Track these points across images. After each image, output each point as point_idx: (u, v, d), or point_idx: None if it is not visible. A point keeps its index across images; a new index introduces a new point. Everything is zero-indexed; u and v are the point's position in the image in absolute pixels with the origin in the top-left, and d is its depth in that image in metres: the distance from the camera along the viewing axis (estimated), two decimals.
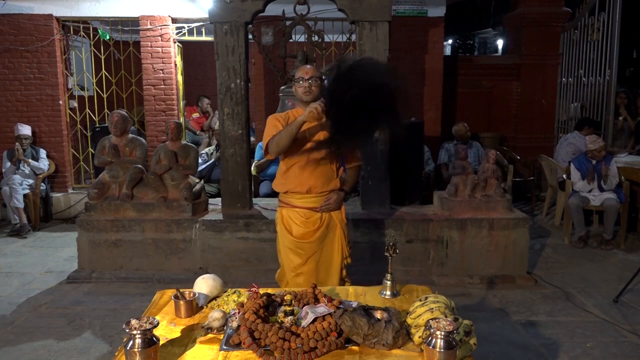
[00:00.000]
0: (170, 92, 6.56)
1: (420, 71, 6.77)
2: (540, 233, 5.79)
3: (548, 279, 4.42)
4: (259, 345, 1.75)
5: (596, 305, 3.89)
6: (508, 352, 3.21)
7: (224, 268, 4.30)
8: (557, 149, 6.57)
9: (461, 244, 4.35)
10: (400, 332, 1.81)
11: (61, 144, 6.58)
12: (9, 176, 5.94)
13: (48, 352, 3.20)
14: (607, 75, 6.61)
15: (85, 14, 6.35)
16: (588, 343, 3.30)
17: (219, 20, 4.38)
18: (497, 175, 4.51)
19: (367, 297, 2.29)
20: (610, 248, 5.21)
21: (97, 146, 4.75)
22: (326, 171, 2.86)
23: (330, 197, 2.87)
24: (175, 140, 4.59)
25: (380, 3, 4.31)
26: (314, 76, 2.78)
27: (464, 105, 7.50)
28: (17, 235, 5.77)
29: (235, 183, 4.57)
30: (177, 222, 4.39)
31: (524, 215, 4.47)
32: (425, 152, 5.94)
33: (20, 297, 4.07)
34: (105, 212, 4.50)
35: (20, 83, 6.43)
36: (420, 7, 6.62)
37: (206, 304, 2.18)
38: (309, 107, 2.56)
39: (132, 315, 1.89)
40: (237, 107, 4.48)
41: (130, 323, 1.70)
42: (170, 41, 6.44)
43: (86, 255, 4.47)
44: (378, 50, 4.38)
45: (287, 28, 4.51)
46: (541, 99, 7.45)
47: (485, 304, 3.97)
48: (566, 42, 7.48)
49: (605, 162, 5.26)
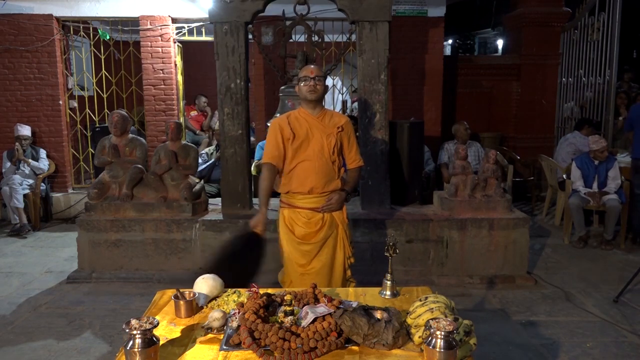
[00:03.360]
0: (170, 92, 6.56)
1: (420, 71, 6.77)
2: (540, 233, 5.79)
3: (548, 279, 4.42)
4: (259, 345, 1.75)
5: (596, 305, 3.89)
6: (508, 352, 3.21)
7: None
8: (557, 149, 6.57)
9: (461, 244, 4.35)
10: (400, 332, 1.81)
11: (61, 144, 6.58)
12: (9, 176, 5.94)
13: (48, 352, 3.20)
14: (607, 75, 6.61)
15: (85, 14, 6.35)
16: (588, 343, 3.30)
17: (219, 20, 4.38)
18: (497, 175, 4.50)
19: (367, 297, 2.29)
20: (610, 248, 5.21)
21: (97, 146, 4.75)
22: (328, 172, 2.86)
23: (331, 198, 2.88)
24: (175, 140, 4.59)
25: (380, 3, 4.31)
26: (319, 75, 2.80)
27: (464, 105, 7.49)
28: (17, 235, 5.78)
29: (235, 183, 4.57)
30: (177, 222, 4.39)
31: (524, 215, 4.47)
32: (425, 152, 5.94)
33: (20, 297, 4.07)
34: (105, 212, 4.50)
35: (20, 83, 6.43)
36: (420, 7, 6.62)
37: (206, 304, 2.18)
38: (258, 223, 2.89)
39: (132, 315, 1.89)
40: (237, 107, 4.48)
41: (130, 323, 1.70)
42: (170, 41, 6.44)
43: (86, 255, 4.47)
44: (378, 50, 4.38)
45: (287, 28, 4.51)
46: (541, 99, 7.45)
47: (485, 304, 3.97)
48: (566, 42, 7.48)
49: (608, 163, 5.26)
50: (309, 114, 2.89)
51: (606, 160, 5.28)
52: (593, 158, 5.29)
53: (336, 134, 2.87)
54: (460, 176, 4.55)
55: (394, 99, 6.54)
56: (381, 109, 4.44)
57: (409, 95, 6.76)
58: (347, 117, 3.01)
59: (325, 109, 2.99)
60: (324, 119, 2.90)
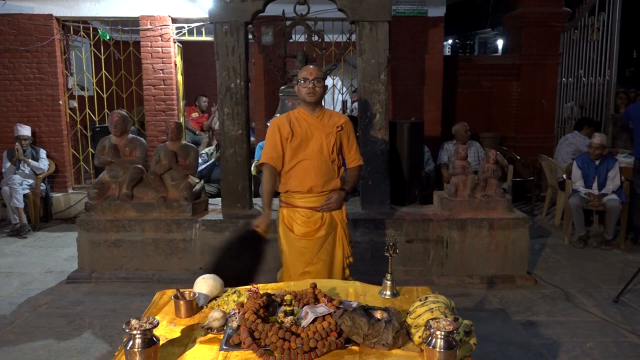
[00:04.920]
0: (170, 92, 6.56)
1: (420, 71, 6.77)
2: (540, 233, 5.79)
3: (548, 279, 4.42)
4: (259, 345, 1.75)
5: (596, 305, 3.89)
6: (508, 352, 3.21)
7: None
8: (557, 149, 6.57)
9: (461, 244, 4.35)
10: (400, 332, 1.81)
11: (61, 144, 6.58)
12: (9, 176, 5.94)
13: (48, 352, 3.20)
14: (607, 75, 6.61)
15: (85, 14, 6.35)
16: (588, 343, 3.30)
17: (219, 20, 4.38)
18: (497, 175, 4.50)
19: (367, 297, 2.29)
20: (610, 248, 5.21)
21: (97, 146, 4.75)
22: (327, 171, 2.86)
23: (330, 197, 2.88)
24: (175, 140, 4.59)
25: (380, 3, 4.31)
26: (318, 77, 2.80)
27: (464, 105, 7.49)
28: (17, 235, 5.77)
29: (235, 183, 4.57)
30: (177, 222, 4.39)
31: (524, 215, 4.46)
32: (425, 152, 5.94)
33: (20, 297, 4.07)
34: (105, 212, 4.50)
35: (20, 83, 6.43)
36: (420, 7, 6.62)
37: (206, 304, 2.18)
38: (260, 224, 2.92)
39: (132, 315, 1.89)
40: (237, 107, 4.48)
41: (130, 323, 1.70)
42: (170, 41, 6.44)
43: (86, 255, 4.47)
44: (378, 50, 4.38)
45: (287, 28, 4.51)
46: (541, 99, 7.45)
47: (485, 304, 3.97)
48: (566, 42, 7.49)
49: (608, 164, 5.26)
50: (308, 113, 2.89)
51: (606, 160, 5.28)
52: (592, 156, 5.29)
53: (335, 133, 2.87)
54: (460, 176, 4.55)
55: (394, 99, 6.54)
56: (381, 109, 4.44)
57: (409, 95, 6.77)
58: (346, 117, 3.01)
59: (325, 108, 2.99)
60: (323, 118, 2.90)
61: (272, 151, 2.88)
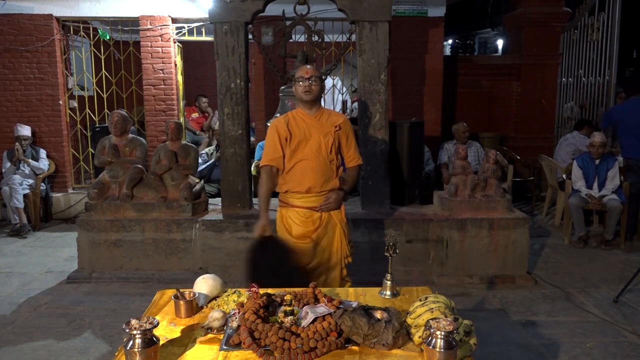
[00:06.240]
0: (170, 92, 6.56)
1: (420, 71, 6.77)
2: (540, 233, 5.79)
3: (548, 279, 4.42)
4: (259, 345, 1.75)
5: (596, 305, 3.89)
6: (508, 352, 3.21)
7: (224, 268, 4.31)
8: (557, 149, 6.57)
9: (461, 244, 4.35)
10: (400, 332, 1.81)
11: (61, 144, 6.58)
12: (9, 176, 5.94)
13: (48, 352, 3.20)
14: (607, 75, 6.61)
15: (85, 14, 6.35)
16: (588, 343, 3.30)
17: (219, 20, 4.38)
18: (497, 175, 4.51)
19: (367, 297, 2.29)
20: (610, 248, 5.21)
21: (97, 146, 4.75)
22: (326, 171, 2.86)
23: (329, 197, 2.87)
24: (175, 140, 4.59)
25: (380, 3, 4.31)
26: (314, 75, 2.79)
27: (464, 105, 7.50)
28: (17, 235, 5.77)
29: (235, 183, 4.57)
30: (177, 222, 4.39)
31: (524, 215, 4.46)
32: (425, 152, 5.94)
33: (20, 297, 4.07)
34: (105, 212, 4.50)
35: (20, 83, 6.43)
36: (420, 7, 6.62)
37: (206, 304, 2.18)
38: (259, 231, 2.91)
39: (132, 315, 1.89)
40: (237, 107, 4.48)
41: (130, 323, 1.70)
42: (170, 41, 6.44)
43: (86, 255, 4.47)
44: (378, 50, 4.38)
45: (287, 28, 4.51)
46: (541, 99, 7.45)
47: (485, 304, 3.97)
48: (566, 42, 7.48)
49: (608, 163, 5.26)
50: (306, 113, 2.89)
51: (606, 159, 5.28)
52: (593, 155, 5.28)
53: (334, 132, 2.87)
54: (460, 176, 4.55)
55: (394, 99, 6.54)
56: (381, 109, 4.44)
57: (409, 95, 6.77)
58: (345, 116, 3.01)
59: (323, 108, 2.98)
60: (321, 118, 2.90)
61: (272, 152, 2.87)
